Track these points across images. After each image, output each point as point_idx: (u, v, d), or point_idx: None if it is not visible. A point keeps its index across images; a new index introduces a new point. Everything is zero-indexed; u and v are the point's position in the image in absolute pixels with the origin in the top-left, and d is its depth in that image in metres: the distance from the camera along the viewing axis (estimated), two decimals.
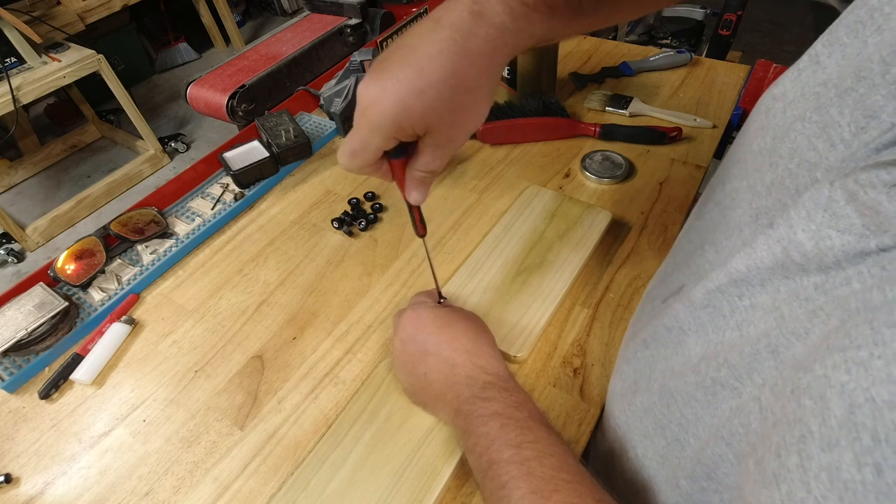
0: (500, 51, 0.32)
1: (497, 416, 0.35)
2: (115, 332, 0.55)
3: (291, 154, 0.72)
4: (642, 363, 0.37)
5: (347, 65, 0.78)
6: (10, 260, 1.86)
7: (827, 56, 0.26)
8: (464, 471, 0.42)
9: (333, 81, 0.80)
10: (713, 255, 0.31)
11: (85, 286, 0.60)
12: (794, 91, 0.28)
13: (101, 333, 0.55)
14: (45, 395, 0.52)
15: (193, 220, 0.67)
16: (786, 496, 0.19)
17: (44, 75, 1.70)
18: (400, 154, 0.36)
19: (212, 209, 0.68)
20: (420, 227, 0.43)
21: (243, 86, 1.22)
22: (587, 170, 0.66)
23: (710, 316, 0.29)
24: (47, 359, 0.55)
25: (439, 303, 0.49)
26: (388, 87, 0.32)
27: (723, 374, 0.27)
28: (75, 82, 1.82)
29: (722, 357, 0.27)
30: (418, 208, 0.42)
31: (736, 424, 0.25)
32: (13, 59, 1.70)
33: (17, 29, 1.63)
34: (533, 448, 0.33)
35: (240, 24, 3.01)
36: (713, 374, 0.27)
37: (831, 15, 0.27)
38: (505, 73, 0.73)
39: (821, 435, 0.18)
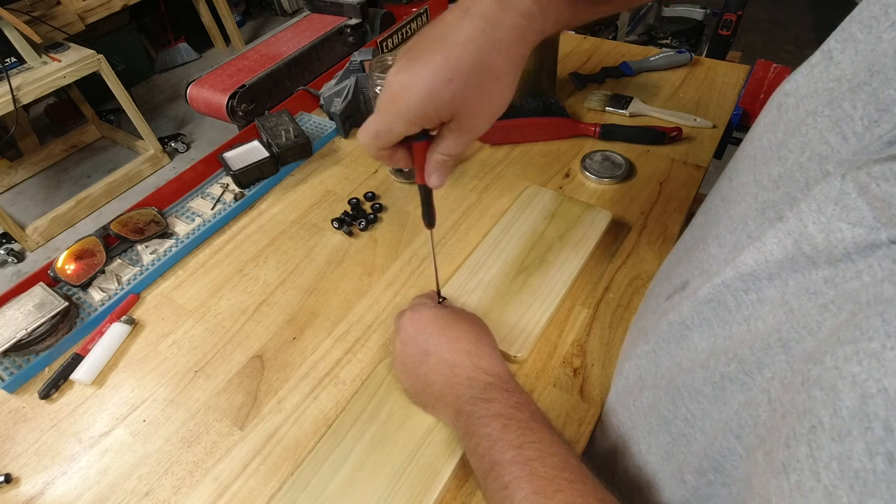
0: (527, 38, 0.33)
1: (499, 416, 0.35)
2: (115, 332, 0.55)
3: (291, 154, 0.72)
4: (646, 359, 0.37)
5: (347, 65, 0.78)
6: (10, 260, 1.86)
7: (840, 52, 0.26)
8: (464, 471, 0.42)
9: (333, 81, 0.80)
10: (717, 250, 0.31)
11: (85, 286, 0.60)
12: (806, 86, 0.28)
13: (101, 333, 0.55)
14: (45, 395, 0.52)
15: (193, 220, 0.67)
16: (795, 486, 0.19)
17: (44, 75, 1.70)
18: (422, 137, 0.37)
19: (212, 209, 0.68)
20: (432, 216, 0.43)
21: (243, 86, 1.22)
22: (587, 170, 0.66)
23: (715, 310, 0.29)
24: (47, 359, 0.55)
25: (439, 303, 0.49)
26: (418, 75, 0.32)
27: (732, 368, 0.27)
28: (75, 82, 1.82)
29: (731, 352, 0.27)
30: (431, 198, 0.42)
31: (745, 417, 0.25)
32: (13, 59, 1.70)
33: (17, 29, 1.63)
34: (535, 448, 0.33)
35: (240, 24, 3.01)
36: (722, 369, 0.27)
37: (832, 15, 0.27)
38: None
39: (832, 425, 0.18)
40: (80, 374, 0.52)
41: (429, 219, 0.43)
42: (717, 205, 0.35)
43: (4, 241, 1.87)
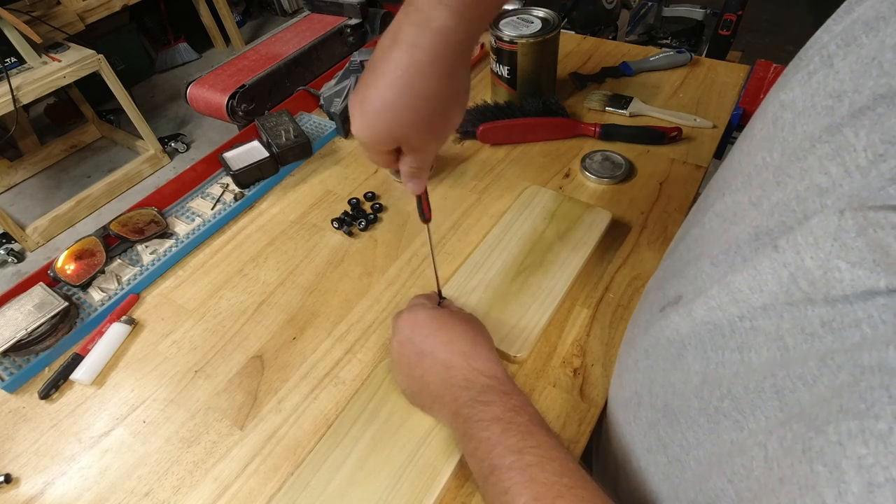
0: (450, 50, 0.33)
1: (498, 420, 0.35)
2: (115, 332, 0.55)
3: (291, 154, 0.72)
4: (643, 374, 0.36)
5: (347, 65, 0.78)
6: (10, 260, 1.86)
7: (842, 58, 0.23)
8: (464, 471, 0.42)
9: (333, 81, 0.80)
10: (710, 269, 0.31)
11: (85, 286, 0.60)
12: (803, 99, 0.26)
13: (101, 333, 0.55)
14: (45, 395, 0.52)
15: (193, 220, 0.67)
16: None
17: (44, 75, 1.70)
18: None
19: (212, 209, 0.68)
20: (426, 212, 0.44)
21: (243, 86, 1.22)
22: (587, 170, 0.66)
23: (710, 333, 0.29)
24: (47, 359, 0.55)
25: (439, 303, 0.49)
26: (362, 111, 0.35)
27: (726, 404, 0.26)
28: (75, 82, 1.82)
29: (725, 387, 0.27)
30: (424, 192, 0.43)
31: (738, 464, 0.25)
32: (13, 59, 1.70)
33: (17, 29, 1.63)
34: (535, 453, 0.33)
35: (240, 24, 3.00)
36: (716, 403, 0.27)
37: (832, 14, 0.26)
38: (505, 73, 0.73)
39: None
40: (80, 374, 0.52)
41: (422, 214, 0.44)
42: (711, 219, 0.33)
43: (4, 241, 1.87)
